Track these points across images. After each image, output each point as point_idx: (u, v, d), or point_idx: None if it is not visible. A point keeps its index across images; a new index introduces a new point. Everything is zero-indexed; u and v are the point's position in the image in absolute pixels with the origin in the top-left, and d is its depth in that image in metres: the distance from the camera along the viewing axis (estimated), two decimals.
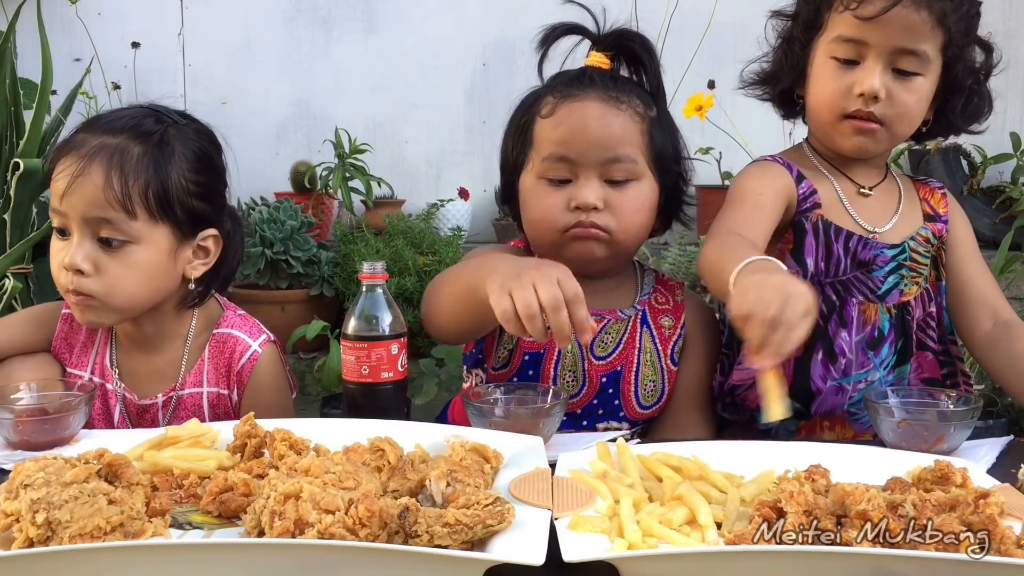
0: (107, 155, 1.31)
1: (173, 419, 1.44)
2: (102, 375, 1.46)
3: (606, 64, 1.48)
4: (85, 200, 1.30)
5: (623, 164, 1.41)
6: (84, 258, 1.31)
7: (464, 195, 3.52)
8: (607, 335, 1.49)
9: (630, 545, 0.88)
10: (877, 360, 1.46)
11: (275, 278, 3.01)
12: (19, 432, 1.23)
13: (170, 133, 1.38)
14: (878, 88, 1.38)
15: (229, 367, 1.45)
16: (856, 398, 1.46)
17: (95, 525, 0.87)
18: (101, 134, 1.34)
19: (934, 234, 1.52)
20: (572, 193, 1.40)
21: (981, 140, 3.42)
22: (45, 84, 2.52)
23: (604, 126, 1.40)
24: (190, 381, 1.45)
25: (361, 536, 0.85)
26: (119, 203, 1.30)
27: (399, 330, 1.31)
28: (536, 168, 1.44)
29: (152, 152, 1.34)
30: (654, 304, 1.54)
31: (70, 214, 1.32)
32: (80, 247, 1.31)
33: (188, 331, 1.46)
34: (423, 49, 3.65)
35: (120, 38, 3.55)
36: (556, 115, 1.42)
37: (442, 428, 1.21)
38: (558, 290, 1.12)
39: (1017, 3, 3.46)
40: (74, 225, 1.32)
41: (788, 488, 0.93)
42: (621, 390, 1.49)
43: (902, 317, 1.48)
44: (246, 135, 3.69)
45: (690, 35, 2.89)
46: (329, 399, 2.85)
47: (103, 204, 1.30)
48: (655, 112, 1.47)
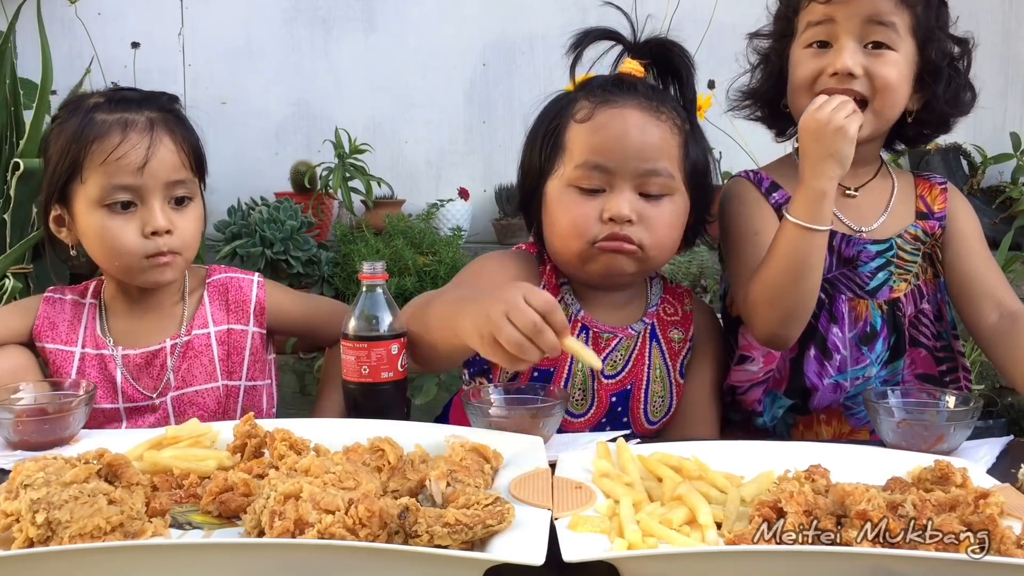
0: (165, 125, 1.45)
1: (182, 362, 1.50)
2: (95, 345, 1.49)
3: (640, 72, 1.43)
4: (167, 167, 1.43)
5: (660, 178, 1.36)
6: (168, 220, 1.44)
7: (464, 195, 3.52)
8: (617, 353, 1.46)
9: (630, 545, 0.87)
10: (872, 356, 1.47)
11: (275, 278, 3.01)
12: (19, 432, 1.23)
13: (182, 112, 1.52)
14: (851, 65, 1.38)
15: (241, 303, 1.55)
16: (852, 393, 1.47)
17: (95, 525, 0.87)
18: (137, 108, 1.45)
19: (925, 232, 1.52)
20: (605, 203, 1.35)
21: (981, 140, 3.42)
22: (45, 84, 2.52)
23: (644, 136, 1.35)
24: (196, 324, 1.52)
25: (361, 536, 0.85)
26: (188, 164, 1.46)
27: (399, 330, 1.31)
28: (567, 175, 1.38)
29: (180, 119, 1.50)
30: (663, 316, 1.51)
31: (149, 183, 1.42)
32: (163, 211, 1.43)
33: (184, 285, 1.55)
34: (423, 49, 3.65)
35: (120, 38, 3.55)
36: (594, 120, 1.37)
37: (442, 428, 1.21)
38: (531, 312, 1.08)
39: (1017, 3, 3.46)
40: (155, 192, 1.43)
41: (788, 488, 0.93)
42: (630, 407, 1.47)
43: (893, 313, 1.49)
44: (246, 135, 3.69)
45: (690, 35, 2.88)
46: None
47: (179, 167, 1.45)
48: (690, 126, 1.43)
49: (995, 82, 3.49)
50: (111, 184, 1.40)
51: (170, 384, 1.48)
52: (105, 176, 1.40)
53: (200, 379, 1.50)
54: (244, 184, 3.57)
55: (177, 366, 1.49)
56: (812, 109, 1.32)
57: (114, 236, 1.42)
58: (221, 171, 3.85)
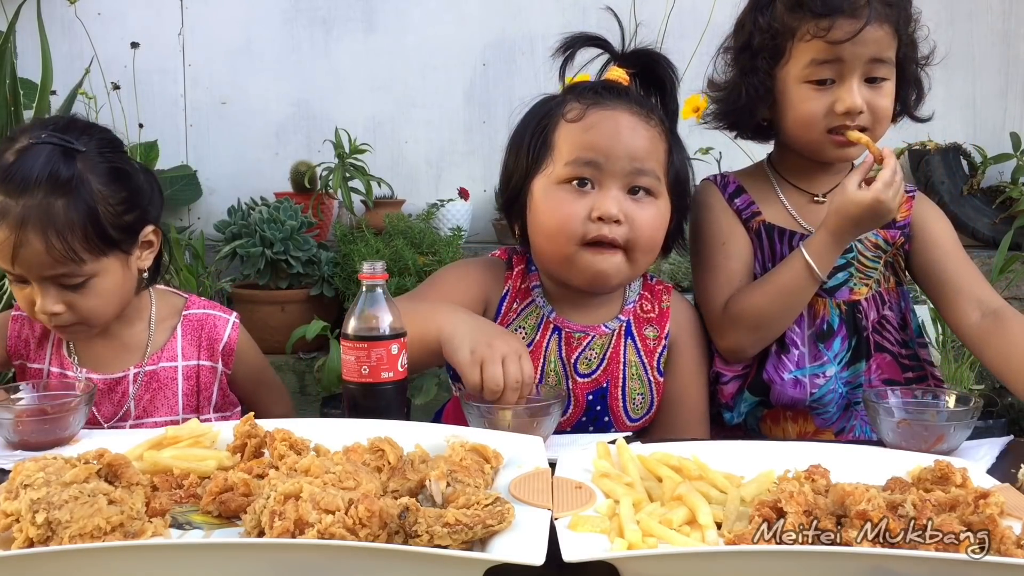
0: (37, 220, 1.34)
1: (145, 392, 1.49)
2: (60, 364, 1.50)
3: (626, 80, 1.46)
4: (36, 264, 1.36)
5: (648, 177, 1.38)
6: (55, 303, 1.39)
7: (464, 195, 3.51)
8: (591, 351, 1.47)
9: (630, 545, 0.87)
10: (830, 354, 1.51)
11: (275, 278, 3.01)
12: (19, 432, 1.23)
13: (80, 169, 1.38)
14: (860, 104, 1.44)
15: (212, 341, 1.55)
16: (817, 394, 1.50)
17: (95, 525, 0.87)
18: (19, 195, 1.34)
19: (886, 240, 1.56)
20: (594, 202, 1.36)
21: (981, 140, 3.42)
22: (45, 84, 2.52)
23: (635, 137, 1.38)
24: (164, 356, 1.51)
25: (361, 536, 0.85)
26: (66, 258, 1.36)
27: (399, 330, 1.31)
28: (556, 172, 1.39)
29: (74, 199, 1.36)
30: (639, 313, 1.52)
31: (26, 275, 1.39)
32: (47, 295, 1.39)
33: (149, 311, 1.55)
34: (423, 49, 3.65)
35: (120, 38, 3.55)
36: (586, 119, 1.38)
37: (442, 428, 1.21)
38: (521, 371, 1.25)
39: (1017, 3, 3.46)
40: (38, 280, 1.39)
41: (788, 488, 0.93)
42: (609, 406, 1.47)
43: (853, 315, 1.52)
44: (246, 135, 3.69)
45: (689, 35, 2.88)
46: (329, 399, 2.85)
47: (52, 264, 1.37)
48: (673, 135, 1.47)
49: (995, 82, 3.49)
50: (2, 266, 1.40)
51: (130, 412, 1.48)
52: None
53: (162, 411, 1.50)
54: (244, 184, 3.57)
55: (140, 395, 1.49)
56: (879, 187, 1.35)
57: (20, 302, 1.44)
58: (221, 171, 3.87)
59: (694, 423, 1.52)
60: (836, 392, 1.51)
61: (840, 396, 1.52)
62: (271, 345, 3.05)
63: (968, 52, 3.45)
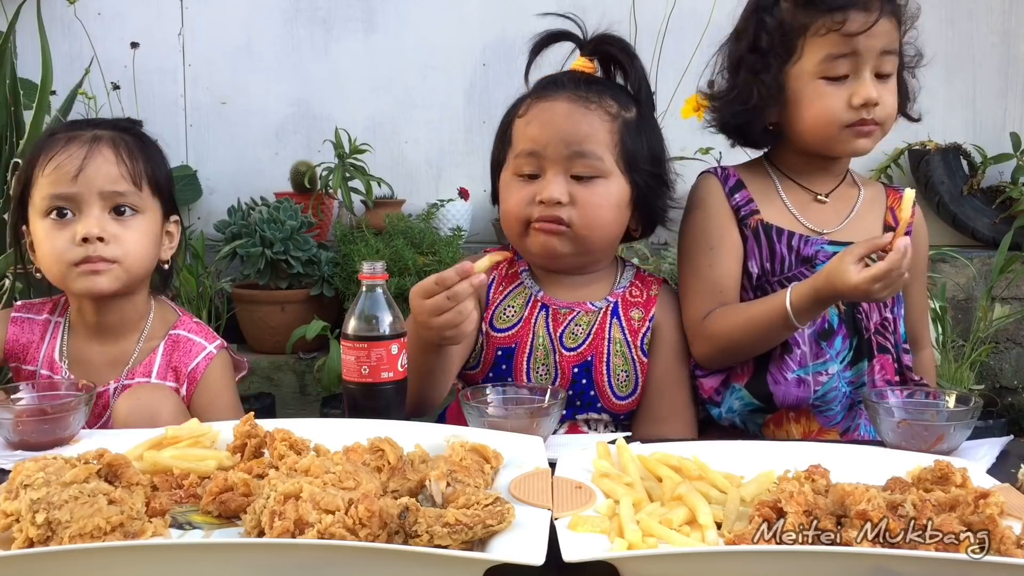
0: (110, 140, 1.47)
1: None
2: (50, 367, 1.50)
3: (590, 68, 1.55)
4: (102, 176, 1.44)
5: (588, 160, 1.46)
6: (101, 227, 1.43)
7: (464, 195, 3.51)
8: (577, 326, 1.54)
9: (630, 545, 0.88)
10: (832, 351, 1.51)
11: (275, 278, 3.01)
12: (19, 432, 1.23)
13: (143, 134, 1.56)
14: (875, 96, 1.46)
15: (181, 364, 1.53)
16: (821, 392, 1.51)
17: (95, 525, 0.87)
18: (90, 128, 1.49)
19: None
20: (539, 188, 1.47)
21: (981, 140, 3.42)
22: (45, 84, 2.52)
23: (571, 123, 1.46)
24: (139, 371, 1.51)
25: (361, 536, 0.85)
26: (130, 177, 1.46)
27: (399, 330, 1.31)
28: (511, 165, 1.52)
29: (138, 142, 1.51)
30: (627, 297, 1.58)
31: (84, 192, 1.43)
32: (97, 218, 1.43)
33: (145, 325, 1.55)
34: (423, 49, 3.65)
35: (120, 38, 3.55)
36: (528, 114, 1.51)
37: (442, 428, 1.21)
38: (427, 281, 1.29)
39: (1017, 3, 3.46)
40: (89, 200, 1.43)
41: (788, 488, 0.93)
42: (595, 380, 1.53)
43: (852, 315, 1.53)
44: (246, 135, 3.69)
45: (689, 35, 2.88)
46: (329, 399, 2.85)
47: (117, 178, 1.45)
48: (633, 113, 1.51)
49: (995, 82, 3.49)
50: (50, 193, 1.43)
51: (109, 424, 1.47)
52: (46, 186, 1.44)
53: None
54: (244, 184, 3.57)
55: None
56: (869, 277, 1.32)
57: (50, 243, 1.44)
58: (221, 171, 3.87)
59: (679, 408, 1.55)
60: (839, 391, 1.51)
61: (844, 395, 1.52)
62: (271, 345, 3.05)
63: (968, 52, 3.45)
